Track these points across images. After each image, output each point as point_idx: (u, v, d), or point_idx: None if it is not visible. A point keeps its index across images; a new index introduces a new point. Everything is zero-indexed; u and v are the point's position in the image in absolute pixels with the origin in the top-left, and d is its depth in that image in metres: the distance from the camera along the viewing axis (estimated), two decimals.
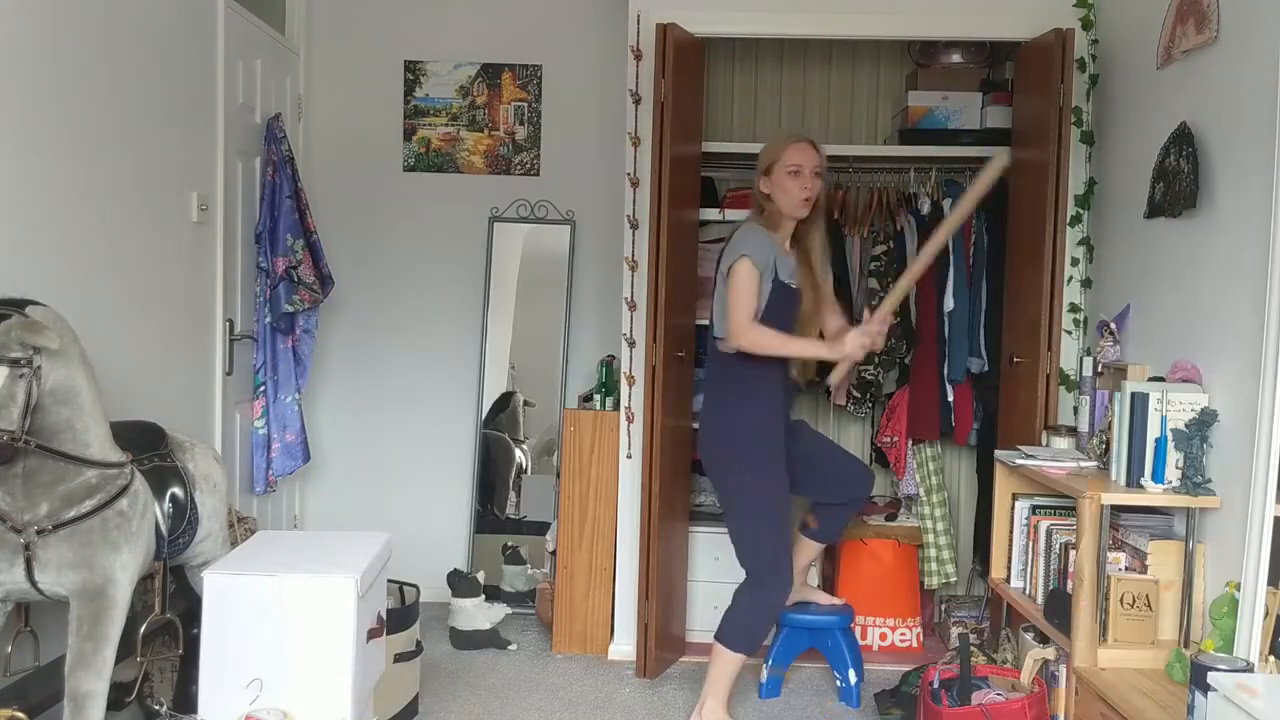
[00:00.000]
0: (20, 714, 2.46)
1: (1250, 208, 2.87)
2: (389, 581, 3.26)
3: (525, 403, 5.01)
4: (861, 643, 4.20)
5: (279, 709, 2.56)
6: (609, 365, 4.48)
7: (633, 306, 4.25)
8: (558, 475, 4.61)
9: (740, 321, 3.33)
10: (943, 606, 4.65)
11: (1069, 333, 4.01)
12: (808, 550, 3.86)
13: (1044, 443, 3.74)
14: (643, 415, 4.15)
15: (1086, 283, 4.03)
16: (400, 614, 3.41)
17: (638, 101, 4.20)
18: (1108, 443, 3.35)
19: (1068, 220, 3.91)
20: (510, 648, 4.34)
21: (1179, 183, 3.21)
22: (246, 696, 2.58)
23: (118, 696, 2.73)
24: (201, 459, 2.96)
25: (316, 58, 4.92)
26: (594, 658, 4.30)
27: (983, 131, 4.44)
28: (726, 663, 3.45)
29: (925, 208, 4.51)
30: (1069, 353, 3.99)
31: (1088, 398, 3.70)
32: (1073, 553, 3.10)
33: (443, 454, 4.98)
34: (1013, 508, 3.64)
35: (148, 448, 2.80)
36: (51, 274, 2.94)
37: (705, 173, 4.57)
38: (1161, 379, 3.26)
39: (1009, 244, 4.28)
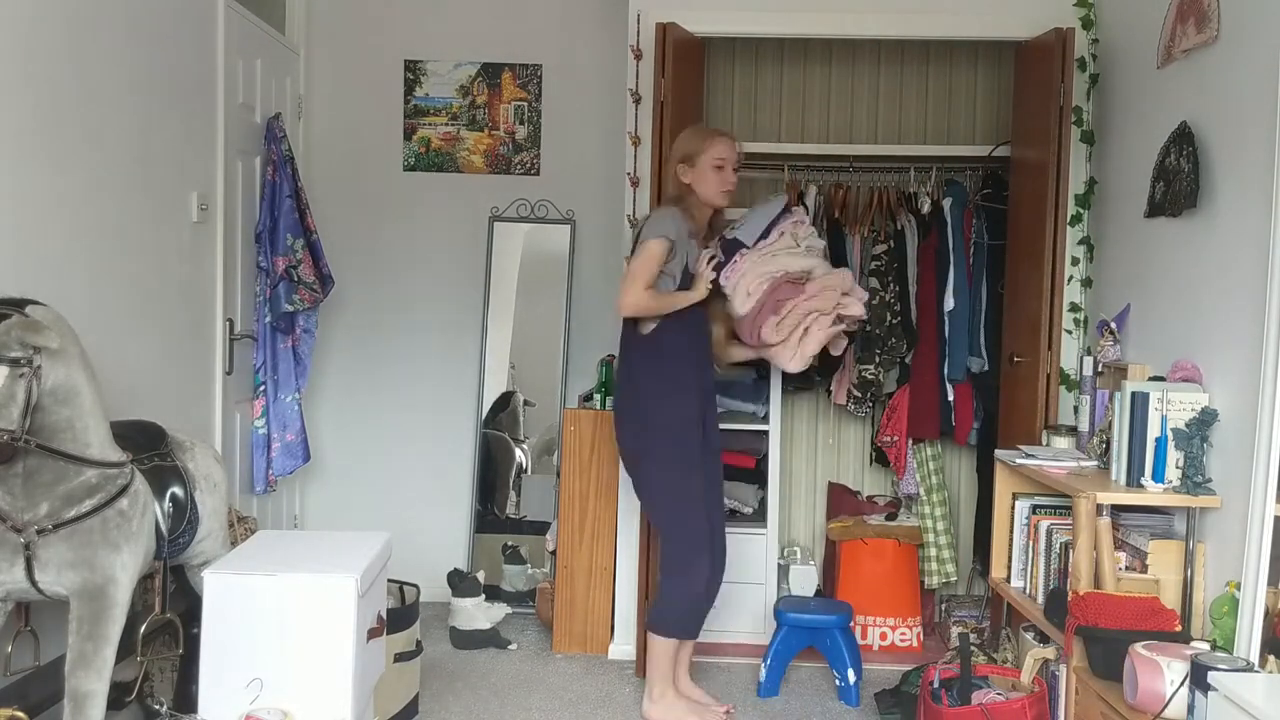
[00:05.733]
0: (20, 714, 2.46)
1: (1250, 207, 2.87)
2: (389, 581, 3.26)
3: (525, 402, 5.01)
4: (861, 642, 4.20)
5: (279, 709, 2.57)
6: (609, 365, 4.47)
7: None
8: (558, 475, 4.61)
9: (634, 289, 3.38)
10: (943, 606, 4.65)
11: (1069, 332, 4.01)
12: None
13: (1044, 442, 3.74)
14: None
15: (1086, 282, 4.03)
16: (400, 614, 3.40)
17: (638, 101, 4.20)
18: (1108, 442, 3.35)
19: (1068, 220, 3.91)
20: (510, 647, 4.34)
21: (1179, 182, 3.21)
22: (246, 696, 2.58)
23: (118, 696, 2.73)
24: (201, 458, 2.96)
25: (316, 58, 4.92)
26: (594, 657, 4.30)
27: None
28: (663, 650, 3.55)
29: (925, 207, 4.51)
30: (1069, 352, 3.99)
31: (1088, 397, 3.70)
32: (1072, 552, 3.10)
33: (443, 454, 4.98)
34: (1013, 507, 3.64)
35: (148, 447, 2.80)
36: (52, 273, 2.94)
37: None
38: (1162, 378, 3.26)
39: (1009, 244, 4.28)
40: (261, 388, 4.30)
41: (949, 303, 4.40)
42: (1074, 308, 4.02)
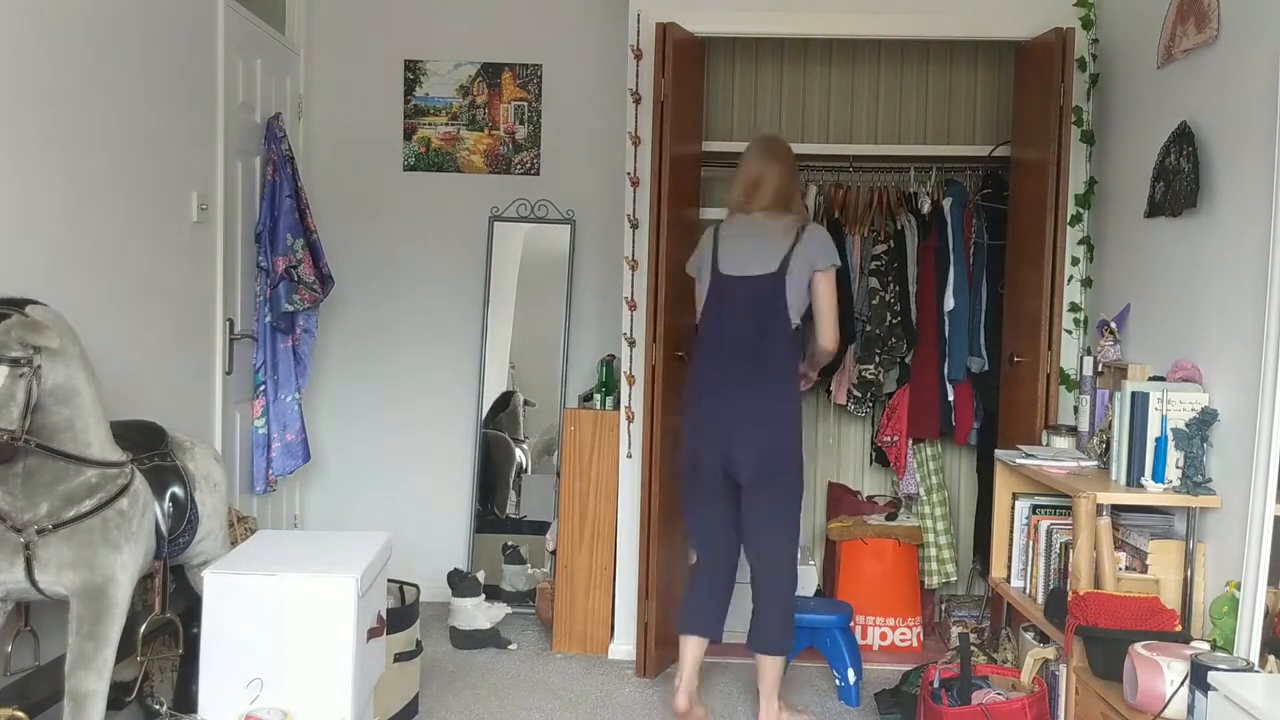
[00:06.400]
0: (20, 714, 2.46)
1: (1250, 207, 2.87)
2: (389, 581, 3.26)
3: (525, 402, 5.01)
4: (861, 642, 4.20)
5: (279, 709, 2.57)
6: (609, 365, 4.47)
7: (633, 306, 4.25)
8: (558, 475, 4.61)
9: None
10: (943, 606, 4.65)
11: (1069, 332, 4.01)
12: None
13: (1044, 442, 3.74)
14: (643, 415, 4.15)
15: (1087, 282, 4.03)
16: (400, 614, 3.41)
17: (638, 101, 4.20)
18: (1108, 442, 3.35)
19: (1068, 220, 3.91)
20: (510, 647, 4.34)
21: (1179, 182, 3.21)
22: (246, 696, 2.58)
23: (118, 696, 2.73)
24: (201, 458, 2.96)
25: (316, 58, 4.92)
26: (594, 657, 4.30)
27: None
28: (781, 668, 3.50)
29: (925, 207, 4.51)
30: (1069, 352, 3.99)
31: (1088, 397, 3.70)
32: (1072, 552, 3.10)
33: (443, 453, 4.98)
34: (1013, 507, 3.64)
35: (148, 447, 2.80)
36: (52, 273, 2.94)
37: (706, 173, 4.57)
38: (1162, 378, 3.26)
39: (1009, 243, 4.28)
40: (261, 388, 4.30)
41: (949, 303, 4.40)
42: (1074, 308, 4.02)
